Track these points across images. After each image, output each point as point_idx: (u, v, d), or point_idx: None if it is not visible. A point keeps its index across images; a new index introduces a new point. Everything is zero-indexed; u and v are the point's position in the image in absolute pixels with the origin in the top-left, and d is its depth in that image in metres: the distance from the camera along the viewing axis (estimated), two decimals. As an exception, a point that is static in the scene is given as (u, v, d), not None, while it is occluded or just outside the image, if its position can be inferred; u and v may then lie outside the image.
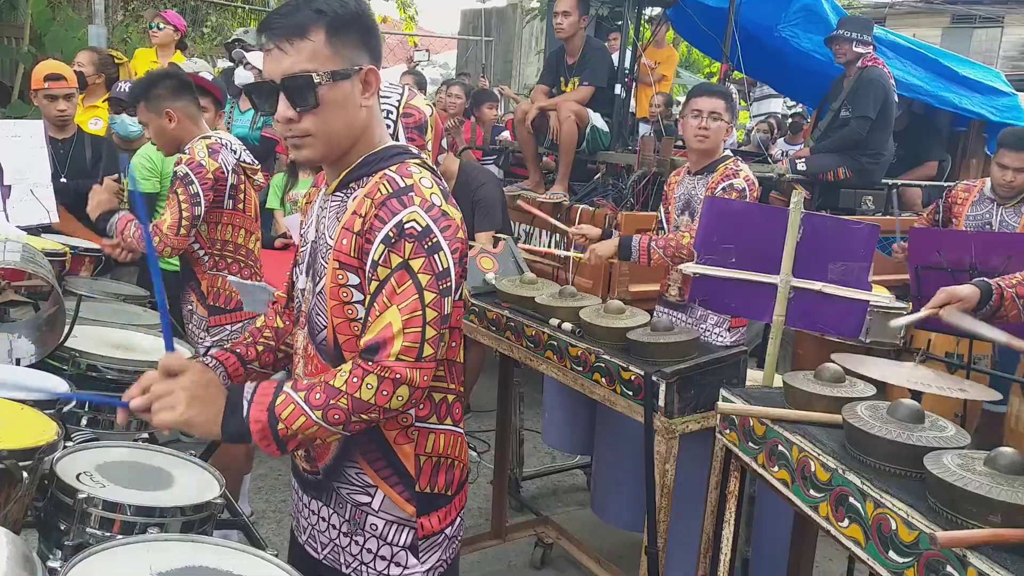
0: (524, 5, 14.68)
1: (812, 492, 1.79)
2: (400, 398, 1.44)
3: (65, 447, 1.62)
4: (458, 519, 1.71)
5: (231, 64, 6.07)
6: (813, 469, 1.79)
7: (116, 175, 3.95)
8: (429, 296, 1.44)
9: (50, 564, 1.30)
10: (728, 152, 3.54)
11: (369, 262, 1.47)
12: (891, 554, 1.54)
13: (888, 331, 3.15)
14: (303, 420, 1.42)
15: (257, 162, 3.23)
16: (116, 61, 5.17)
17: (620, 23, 5.58)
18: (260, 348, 1.78)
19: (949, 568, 1.41)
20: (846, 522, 1.67)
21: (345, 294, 1.53)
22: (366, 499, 1.61)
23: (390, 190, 1.47)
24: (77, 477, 1.52)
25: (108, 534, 1.44)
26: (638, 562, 2.50)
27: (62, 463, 1.55)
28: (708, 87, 3.63)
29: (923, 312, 2.37)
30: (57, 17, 9.25)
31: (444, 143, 2.48)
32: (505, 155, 6.17)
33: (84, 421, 2.00)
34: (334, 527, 1.65)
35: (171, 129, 3.02)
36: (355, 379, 1.42)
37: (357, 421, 1.44)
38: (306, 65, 1.44)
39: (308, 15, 1.44)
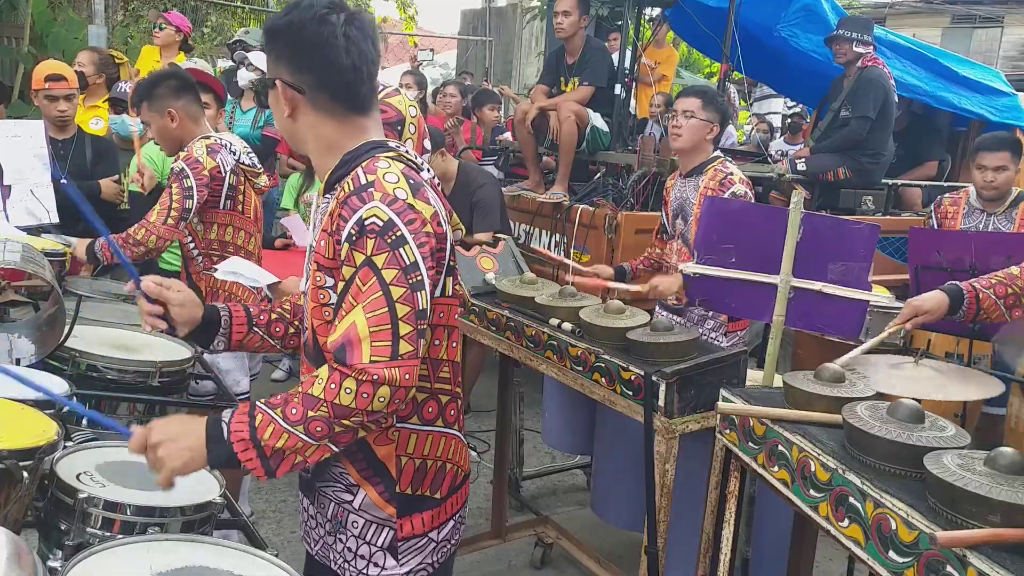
0: (524, 5, 14.68)
1: (812, 492, 1.79)
2: (382, 399, 1.39)
3: (65, 447, 1.62)
4: (450, 523, 1.68)
5: (232, 64, 6.07)
6: (813, 469, 1.79)
7: (116, 176, 3.95)
8: (397, 291, 1.40)
9: (50, 564, 1.31)
10: (716, 152, 3.52)
11: (340, 263, 1.46)
12: (891, 554, 1.54)
13: (885, 338, 3.15)
14: (286, 437, 1.38)
15: (260, 166, 3.23)
16: (116, 61, 5.17)
17: (620, 23, 5.57)
18: (274, 316, 1.78)
19: (949, 568, 1.41)
20: (846, 522, 1.67)
21: (323, 296, 1.52)
22: (349, 497, 1.61)
23: (352, 188, 1.46)
24: (77, 477, 1.53)
25: (108, 534, 1.44)
26: (638, 562, 2.51)
27: (62, 463, 1.55)
28: (686, 89, 3.65)
29: (889, 329, 2.37)
30: (57, 17, 9.26)
31: (427, 144, 2.47)
32: (505, 155, 6.17)
33: (84, 421, 2.01)
34: (321, 525, 1.67)
35: (173, 128, 3.04)
36: (333, 385, 1.38)
37: (341, 430, 1.40)
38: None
39: (272, 22, 1.58)
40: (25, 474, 1.39)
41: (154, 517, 1.48)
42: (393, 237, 1.41)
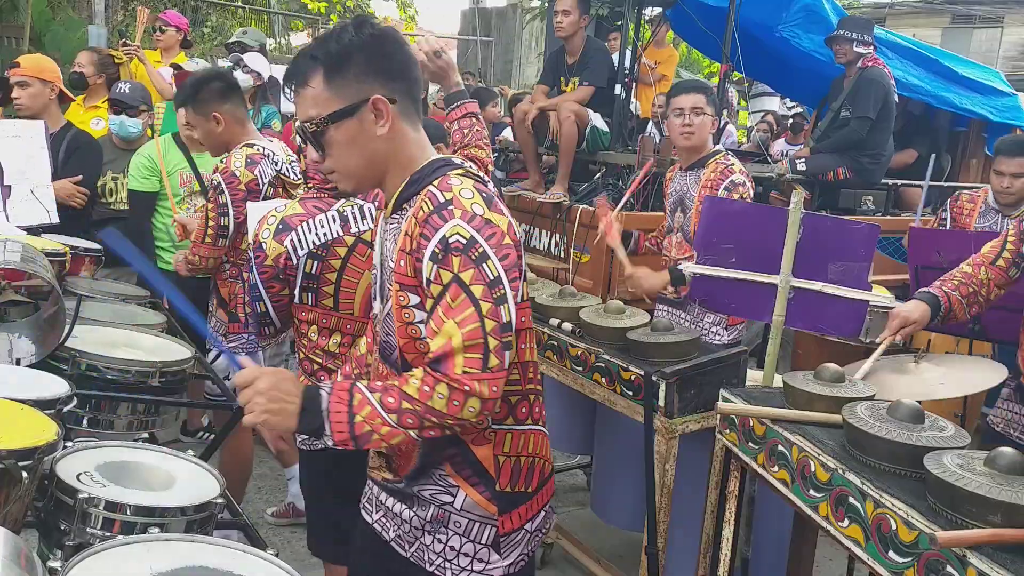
0: (524, 5, 14.69)
1: (812, 492, 1.79)
2: (472, 409, 1.46)
3: (65, 447, 1.62)
4: (541, 514, 1.74)
5: (231, 65, 6.07)
6: (813, 469, 1.79)
7: (79, 176, 3.84)
8: (485, 306, 1.45)
9: (50, 564, 1.30)
10: (719, 147, 3.52)
11: (423, 280, 1.49)
12: (891, 554, 1.54)
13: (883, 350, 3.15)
14: (379, 420, 1.46)
15: (301, 176, 3.21)
16: (116, 61, 5.16)
17: (620, 23, 5.57)
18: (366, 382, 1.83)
19: (949, 568, 1.41)
20: (846, 522, 1.67)
21: (407, 315, 1.56)
22: (449, 499, 1.64)
23: (431, 207, 1.49)
24: (77, 477, 1.53)
25: (108, 534, 1.44)
26: (638, 562, 2.51)
27: (62, 463, 1.55)
28: (686, 85, 3.62)
29: (884, 344, 2.38)
30: (57, 17, 9.29)
31: None
32: (505, 155, 6.17)
33: (84, 421, 2.01)
34: (417, 528, 1.68)
35: (219, 132, 3.02)
36: (427, 387, 1.45)
37: (431, 426, 1.47)
38: (310, 112, 1.51)
39: (305, 63, 1.52)
40: (24, 474, 1.39)
41: (154, 517, 1.48)
42: (477, 253, 1.46)
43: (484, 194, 1.53)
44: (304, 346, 2.32)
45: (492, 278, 1.46)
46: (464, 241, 1.45)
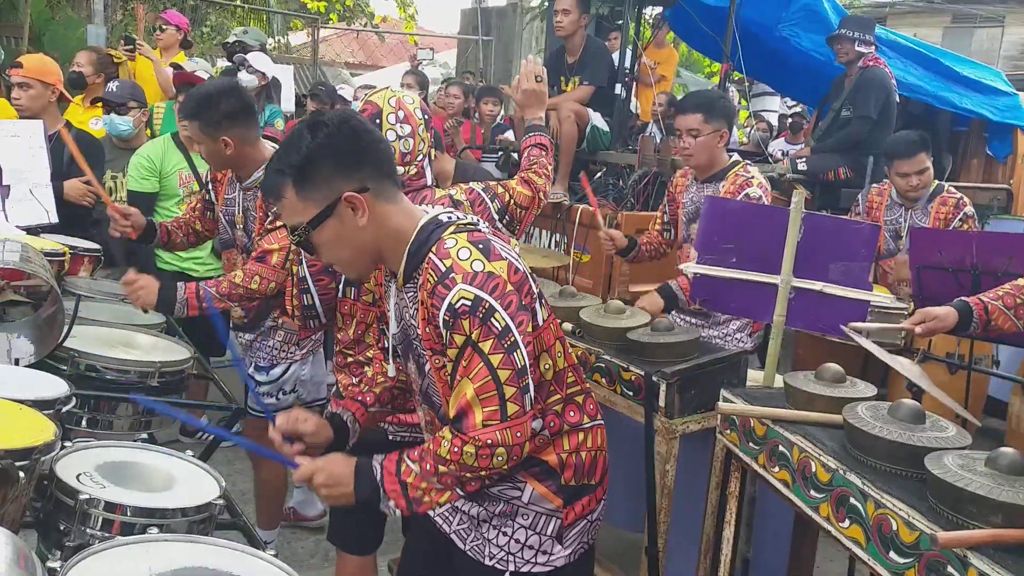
0: (524, 5, 14.67)
1: (813, 493, 1.79)
2: (500, 458, 1.55)
3: (64, 447, 1.61)
4: (601, 503, 1.82)
5: (230, 64, 6.06)
6: (814, 470, 1.79)
7: (86, 177, 3.83)
8: (496, 359, 1.53)
9: (49, 564, 1.30)
10: (736, 157, 3.44)
11: (443, 347, 1.58)
12: (892, 554, 1.54)
13: (889, 332, 3.13)
14: (424, 484, 1.58)
15: None
16: (115, 60, 5.15)
17: (620, 22, 5.56)
18: (378, 391, 1.91)
19: (950, 568, 1.41)
20: (847, 522, 1.67)
21: (445, 375, 1.63)
22: (516, 493, 1.72)
23: (435, 278, 1.55)
24: (77, 478, 1.52)
25: (108, 535, 1.44)
26: (638, 562, 2.50)
27: (62, 463, 1.55)
28: (685, 103, 3.43)
29: (900, 325, 2.37)
30: (56, 16, 9.27)
31: (423, 132, 2.27)
32: (506, 155, 6.16)
33: (84, 422, 2.01)
34: (484, 521, 1.74)
35: (227, 155, 2.70)
36: (455, 448, 1.55)
37: (468, 480, 1.58)
38: (292, 221, 1.60)
39: (274, 178, 1.59)
40: (21, 474, 1.38)
41: (154, 518, 1.48)
42: (483, 311, 1.52)
43: (480, 244, 1.58)
44: (339, 340, 2.39)
45: (500, 329, 1.53)
46: (469, 303, 1.52)
